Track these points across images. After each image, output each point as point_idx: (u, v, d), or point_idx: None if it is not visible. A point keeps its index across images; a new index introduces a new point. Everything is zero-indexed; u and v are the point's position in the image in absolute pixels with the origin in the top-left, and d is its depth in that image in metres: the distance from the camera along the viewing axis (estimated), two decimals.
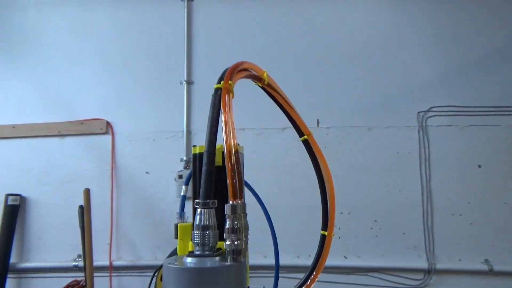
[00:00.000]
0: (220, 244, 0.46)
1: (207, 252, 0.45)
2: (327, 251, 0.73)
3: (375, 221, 2.09)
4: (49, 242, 2.18)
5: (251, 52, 2.23)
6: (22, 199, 2.20)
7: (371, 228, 2.09)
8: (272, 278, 2.10)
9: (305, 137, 0.71)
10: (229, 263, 0.43)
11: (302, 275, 0.78)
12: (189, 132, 2.21)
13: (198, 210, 0.46)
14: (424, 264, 2.02)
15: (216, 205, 0.46)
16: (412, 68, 2.16)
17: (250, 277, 2.16)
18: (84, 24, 2.31)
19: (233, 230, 0.43)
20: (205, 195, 0.46)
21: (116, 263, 2.10)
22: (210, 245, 0.45)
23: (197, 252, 0.45)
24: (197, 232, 0.45)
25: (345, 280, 2.08)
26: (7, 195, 2.15)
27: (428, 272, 2.02)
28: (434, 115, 2.11)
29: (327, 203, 0.71)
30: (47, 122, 2.22)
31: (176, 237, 0.64)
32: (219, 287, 0.41)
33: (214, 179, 0.46)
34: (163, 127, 2.20)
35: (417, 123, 2.11)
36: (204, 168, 0.46)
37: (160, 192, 2.16)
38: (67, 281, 2.03)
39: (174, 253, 1.87)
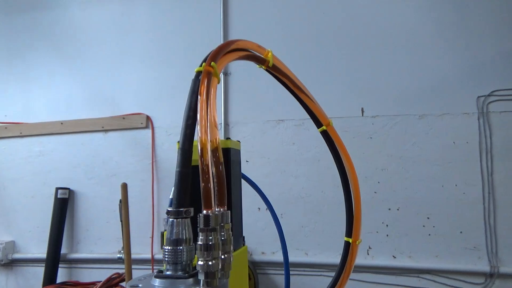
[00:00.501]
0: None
1: (179, 273, 0.37)
2: (352, 261, 0.62)
3: (428, 218, 1.90)
4: (96, 234, 2.25)
5: (289, 40, 2.11)
6: (71, 192, 2.29)
7: (424, 226, 1.90)
8: (316, 277, 2.01)
9: (324, 127, 0.60)
10: None
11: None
12: (227, 124, 2.15)
13: (170, 220, 0.38)
14: (485, 267, 1.81)
15: (192, 214, 0.38)
16: (470, 47, 1.92)
17: (292, 275, 2.07)
18: (125, 20, 2.33)
19: (206, 247, 0.35)
20: (178, 202, 0.38)
21: (158, 256, 2.12)
22: (184, 263, 0.38)
23: (168, 272, 0.37)
24: (168, 247, 0.37)
25: (394, 282, 1.93)
26: (57, 189, 2.24)
27: (491, 275, 1.80)
28: (497, 100, 1.86)
29: (351, 204, 0.61)
30: (92, 117, 2.28)
31: (162, 247, 0.57)
32: None
33: (189, 183, 0.38)
34: None
35: (477, 109, 1.87)
36: (177, 169, 0.39)
37: None
38: (113, 272, 2.08)
39: None
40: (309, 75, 2.07)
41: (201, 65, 0.42)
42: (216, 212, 0.36)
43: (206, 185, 0.35)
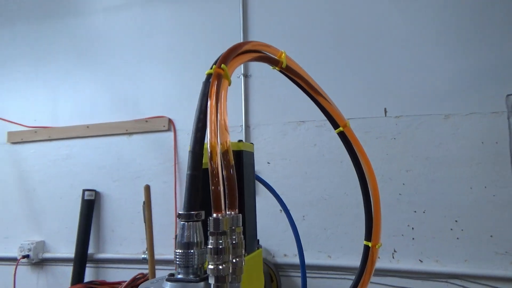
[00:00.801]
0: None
1: (190, 276, 0.37)
2: (371, 266, 0.60)
3: (456, 221, 1.84)
4: (121, 235, 2.30)
5: (310, 40, 2.10)
6: (97, 194, 2.34)
7: (451, 229, 1.84)
8: (339, 280, 1.98)
9: (341, 129, 0.59)
10: None
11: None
12: (247, 126, 2.15)
13: (181, 223, 0.38)
14: None
15: (203, 218, 0.38)
16: (498, 44, 1.85)
17: (315, 277, 2.05)
18: (147, 25, 2.38)
19: (216, 251, 0.34)
20: (189, 205, 0.37)
21: None
22: (195, 266, 0.37)
23: (179, 276, 0.37)
24: (179, 251, 0.37)
25: (420, 286, 1.87)
26: (84, 190, 2.30)
27: None
28: None
29: (370, 207, 0.59)
30: (116, 121, 2.34)
31: None
32: None
33: (200, 185, 0.38)
34: None
35: (506, 107, 1.79)
36: (187, 172, 0.38)
37: None
38: (138, 272, 2.12)
39: None
40: (330, 75, 2.05)
41: (211, 68, 0.42)
42: (227, 216, 0.36)
43: (216, 188, 0.35)
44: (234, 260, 0.37)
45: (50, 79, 2.52)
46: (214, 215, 0.35)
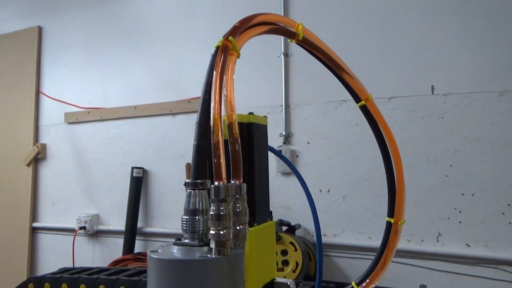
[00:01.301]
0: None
1: (196, 241, 0.39)
2: (393, 243, 0.59)
3: (509, 205, 1.72)
4: (167, 211, 2.41)
5: (353, 14, 2.02)
6: (145, 172, 2.47)
7: (503, 214, 1.73)
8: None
9: (363, 102, 0.57)
10: (211, 256, 0.36)
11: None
12: (288, 106, 2.14)
13: (187, 191, 0.40)
14: None
15: (208, 186, 0.39)
16: None
17: (355, 258, 2.03)
18: (190, 7, 2.42)
19: (218, 217, 0.36)
20: (195, 174, 0.39)
21: None
22: (200, 232, 0.39)
23: (186, 241, 0.39)
24: (186, 217, 0.39)
25: (467, 271, 1.79)
26: (133, 168, 2.43)
27: None
28: None
29: (393, 182, 0.57)
30: (161, 102, 2.42)
31: None
32: (198, 281, 0.34)
33: (206, 155, 0.39)
34: (263, 102, 2.19)
35: None
36: (194, 143, 0.40)
37: None
38: None
39: None
40: (372, 53, 1.97)
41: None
42: (229, 184, 0.37)
43: (218, 160, 0.36)
44: (238, 227, 0.38)
45: (101, 63, 2.66)
46: (216, 183, 0.36)
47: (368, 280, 0.59)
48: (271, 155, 2.17)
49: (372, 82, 1.87)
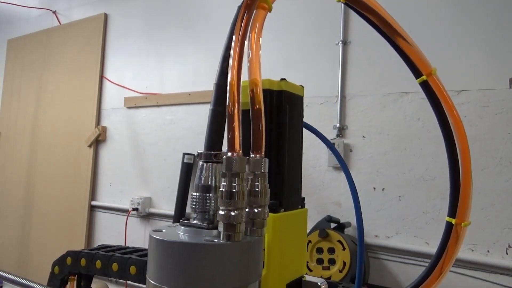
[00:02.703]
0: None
1: (205, 222, 0.33)
2: (452, 248, 0.49)
3: None
4: None
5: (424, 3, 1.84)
6: (195, 158, 2.48)
7: None
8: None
9: (424, 77, 0.47)
10: (218, 242, 0.29)
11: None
12: (343, 97, 2.02)
13: (200, 164, 0.34)
14: None
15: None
16: None
17: (409, 264, 1.88)
18: None
19: (229, 195, 0.29)
20: (208, 144, 0.33)
21: None
22: (211, 212, 0.33)
23: (194, 221, 0.33)
24: (196, 194, 0.33)
25: None
26: (184, 154, 2.46)
27: None
28: None
29: (457, 175, 0.47)
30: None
31: None
32: (199, 268, 0.29)
33: (224, 123, 0.33)
34: (317, 92, 2.09)
35: None
36: (210, 108, 0.34)
37: (312, 160, 2.07)
38: None
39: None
40: (440, 38, 1.78)
41: None
42: (245, 157, 0.31)
43: (232, 131, 0.30)
44: (255, 210, 0.32)
45: (159, 49, 2.71)
46: (229, 153, 0.30)
47: None
48: (323, 148, 2.05)
49: (438, 73, 1.70)
